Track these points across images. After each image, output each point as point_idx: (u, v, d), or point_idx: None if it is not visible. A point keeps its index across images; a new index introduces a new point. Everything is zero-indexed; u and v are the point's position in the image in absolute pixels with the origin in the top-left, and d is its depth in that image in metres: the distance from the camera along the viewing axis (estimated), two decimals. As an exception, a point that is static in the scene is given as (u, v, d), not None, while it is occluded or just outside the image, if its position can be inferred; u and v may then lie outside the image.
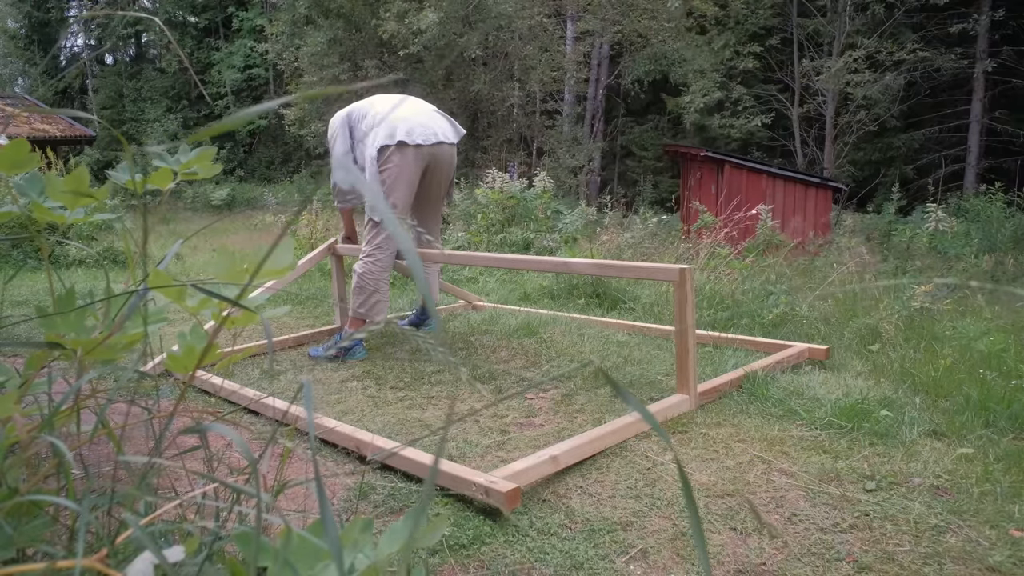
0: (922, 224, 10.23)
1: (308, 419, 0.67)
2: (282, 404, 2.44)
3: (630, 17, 16.22)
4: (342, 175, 3.51)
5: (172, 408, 0.86)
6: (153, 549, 0.62)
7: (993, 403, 2.26)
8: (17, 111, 0.89)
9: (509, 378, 2.81)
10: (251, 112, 0.57)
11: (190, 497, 0.88)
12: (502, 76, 16.27)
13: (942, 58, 16.64)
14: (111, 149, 22.77)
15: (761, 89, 19.02)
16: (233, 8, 25.09)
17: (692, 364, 2.35)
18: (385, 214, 0.45)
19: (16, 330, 3.34)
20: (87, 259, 6.44)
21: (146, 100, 25.29)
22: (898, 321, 3.33)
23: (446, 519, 1.67)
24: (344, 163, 3.22)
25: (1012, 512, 1.65)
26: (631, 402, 0.55)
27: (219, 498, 1.11)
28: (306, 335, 3.58)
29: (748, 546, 1.55)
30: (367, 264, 3.20)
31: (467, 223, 7.46)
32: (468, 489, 1.71)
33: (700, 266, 4.85)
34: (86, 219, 1.10)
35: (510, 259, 3.02)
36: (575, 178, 16.44)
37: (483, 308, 4.15)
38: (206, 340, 0.91)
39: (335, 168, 3.78)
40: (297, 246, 6.11)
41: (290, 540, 0.65)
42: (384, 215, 0.45)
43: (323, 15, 16.34)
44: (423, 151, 3.15)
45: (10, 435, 0.80)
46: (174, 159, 1.12)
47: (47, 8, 26.21)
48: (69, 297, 0.90)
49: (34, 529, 0.76)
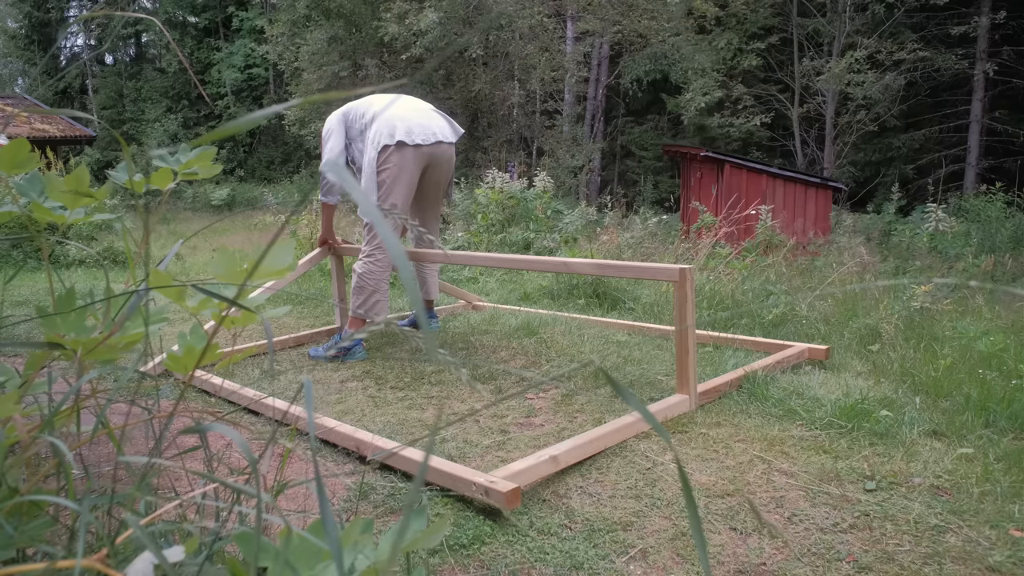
0: (922, 224, 10.24)
1: (308, 419, 0.67)
2: (282, 404, 2.44)
3: (630, 17, 16.22)
4: (330, 170, 3.54)
5: (172, 408, 0.86)
6: (153, 549, 0.62)
7: (993, 403, 2.26)
8: (17, 111, 0.89)
9: (509, 378, 2.81)
10: (257, 116, 0.57)
11: (190, 497, 0.88)
12: (502, 76, 16.27)
13: (942, 58, 16.64)
14: (111, 149, 22.78)
15: (761, 89, 19.02)
16: (233, 8, 25.09)
17: (692, 364, 2.35)
18: (376, 218, 0.45)
19: (16, 330, 3.34)
20: (87, 259, 6.44)
21: (146, 100, 25.29)
22: (898, 321, 3.33)
23: (447, 520, 1.67)
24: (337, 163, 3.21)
25: (1012, 512, 1.65)
26: (632, 402, 0.55)
27: (219, 498, 1.11)
28: (306, 335, 3.58)
29: (748, 546, 1.55)
30: (367, 264, 3.19)
31: (467, 223, 7.46)
32: (468, 489, 1.71)
33: (700, 266, 4.85)
34: (86, 219, 1.10)
35: (510, 259, 3.02)
36: (575, 178, 16.44)
37: (483, 308, 4.15)
38: (206, 340, 0.91)
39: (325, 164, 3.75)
40: (297, 246, 6.10)
41: (290, 540, 0.65)
42: (375, 219, 0.45)
43: (323, 15, 16.34)
44: (422, 151, 3.15)
45: (10, 435, 0.80)
46: (174, 159, 1.12)
47: (47, 8, 26.22)
48: (69, 297, 0.90)
49: (34, 529, 0.76)
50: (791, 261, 6.47)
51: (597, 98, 19.02)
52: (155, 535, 0.84)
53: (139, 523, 0.68)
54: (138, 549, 0.70)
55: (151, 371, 2.65)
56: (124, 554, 0.75)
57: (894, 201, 12.47)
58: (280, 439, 2.16)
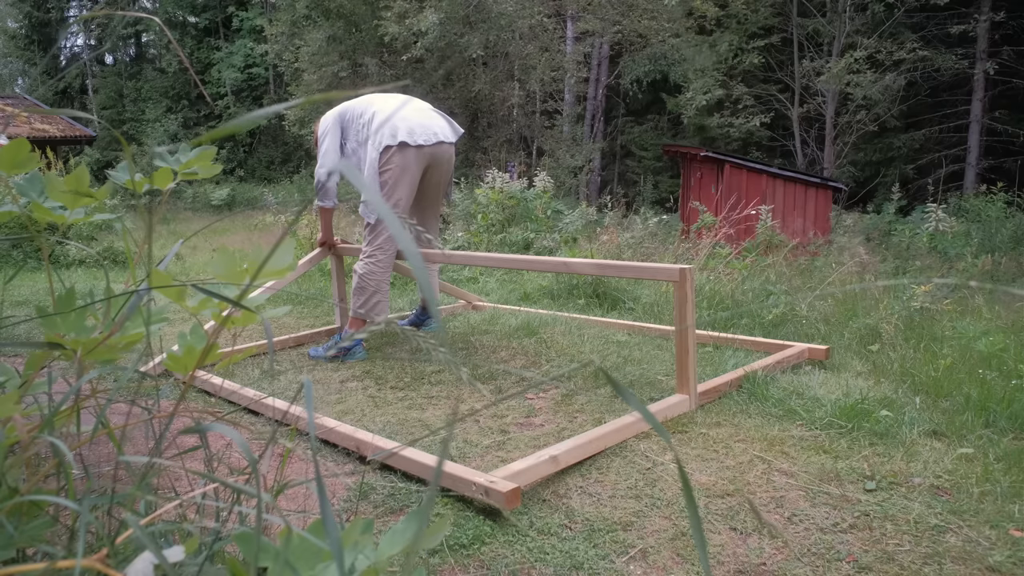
0: (922, 224, 10.23)
1: (308, 419, 0.67)
2: (282, 404, 2.44)
3: (630, 17, 16.21)
4: (328, 169, 3.44)
5: (172, 408, 0.86)
6: (153, 549, 0.62)
7: (993, 403, 2.26)
8: (17, 111, 0.89)
9: (509, 378, 2.81)
10: (256, 116, 0.57)
11: (190, 497, 0.88)
12: (502, 76, 16.26)
13: (942, 58, 16.64)
14: (111, 149, 22.78)
15: (761, 89, 19.01)
16: (233, 8, 25.09)
17: (692, 364, 2.35)
18: (386, 214, 0.45)
19: (16, 330, 3.34)
20: (87, 259, 6.44)
21: (146, 100, 25.28)
22: (898, 321, 3.33)
23: (447, 520, 1.67)
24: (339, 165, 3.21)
25: (1012, 512, 1.65)
26: (632, 401, 0.55)
27: (219, 498, 1.11)
28: (306, 335, 3.58)
29: (748, 546, 1.55)
30: (368, 265, 3.19)
31: (467, 223, 7.45)
32: (468, 489, 1.71)
33: (700, 266, 4.85)
34: (86, 219, 1.10)
35: (510, 259, 3.02)
36: (575, 178, 16.44)
37: (483, 308, 4.15)
38: (206, 340, 0.91)
39: (321, 169, 3.73)
40: (297, 246, 6.10)
41: (290, 540, 0.65)
42: (385, 215, 0.45)
43: (323, 15, 16.34)
44: (424, 151, 3.15)
45: (10, 435, 0.80)
46: (174, 159, 1.12)
47: (47, 8, 26.22)
48: (69, 297, 0.90)
49: (34, 529, 0.76)
50: (791, 261, 6.47)
51: (597, 98, 19.02)
52: (155, 535, 0.84)
53: (139, 523, 0.68)
54: (138, 549, 0.70)
55: (151, 371, 2.65)
56: (124, 554, 0.75)
57: (894, 201, 12.48)
58: (280, 439, 2.16)
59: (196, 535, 0.77)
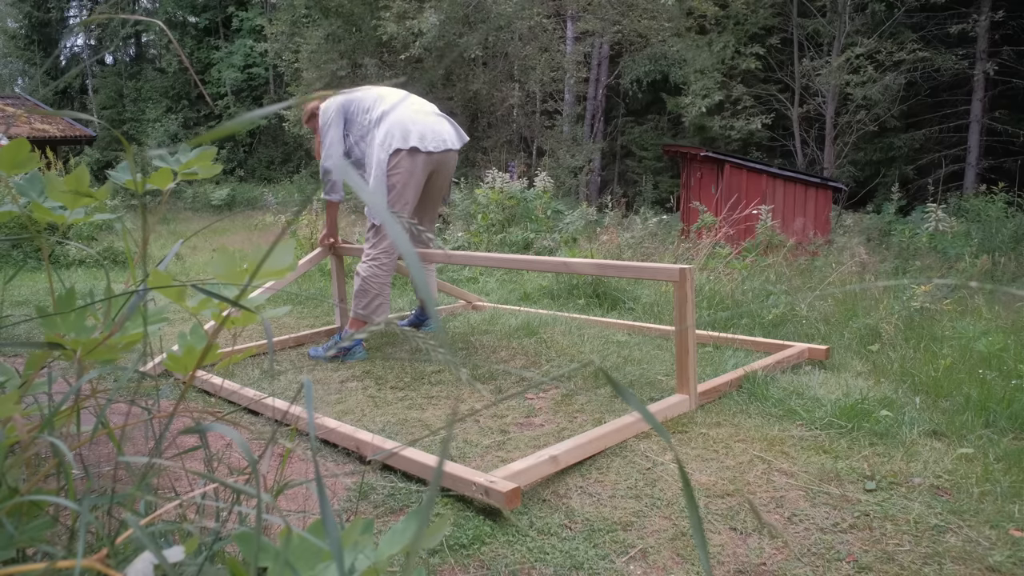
0: (922, 224, 10.22)
1: (308, 419, 0.67)
2: (282, 404, 2.44)
3: (630, 17, 16.22)
4: (332, 166, 3.42)
5: (172, 408, 0.86)
6: (153, 549, 0.62)
7: (993, 403, 2.26)
8: (17, 111, 0.89)
9: (509, 378, 2.81)
10: (255, 115, 0.57)
11: (190, 497, 0.88)
12: (502, 76, 16.26)
13: (942, 58, 16.63)
14: (111, 149, 22.76)
15: (761, 89, 19.01)
16: (233, 8, 25.08)
17: (692, 364, 2.35)
18: (388, 221, 0.45)
19: (16, 330, 3.34)
20: (87, 259, 6.44)
21: (146, 100, 25.27)
22: (898, 321, 3.33)
23: (447, 520, 1.67)
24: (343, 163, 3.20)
25: (1012, 512, 1.65)
26: (632, 402, 0.55)
27: (219, 498, 1.11)
28: (306, 335, 3.58)
29: (748, 546, 1.55)
30: (371, 268, 3.18)
31: (467, 223, 7.45)
32: (468, 489, 1.71)
33: (700, 266, 4.85)
34: (86, 219, 1.10)
35: (510, 259, 3.02)
36: (575, 178, 16.43)
37: (483, 308, 4.15)
38: (206, 340, 0.91)
39: (327, 160, 3.69)
40: (297, 246, 6.10)
41: (290, 540, 0.65)
42: (387, 222, 0.45)
43: (323, 14, 16.34)
44: (433, 158, 3.14)
45: (10, 435, 0.80)
46: (174, 159, 1.12)
47: (47, 8, 26.21)
48: (69, 297, 0.90)
49: (34, 529, 0.76)
50: (791, 261, 6.47)
51: (597, 98, 19.02)
52: (155, 535, 0.84)
53: (139, 523, 0.68)
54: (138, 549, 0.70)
55: (151, 371, 2.65)
56: (124, 554, 0.75)
57: (894, 201, 12.47)
58: (280, 439, 2.16)
59: (196, 535, 0.77)
